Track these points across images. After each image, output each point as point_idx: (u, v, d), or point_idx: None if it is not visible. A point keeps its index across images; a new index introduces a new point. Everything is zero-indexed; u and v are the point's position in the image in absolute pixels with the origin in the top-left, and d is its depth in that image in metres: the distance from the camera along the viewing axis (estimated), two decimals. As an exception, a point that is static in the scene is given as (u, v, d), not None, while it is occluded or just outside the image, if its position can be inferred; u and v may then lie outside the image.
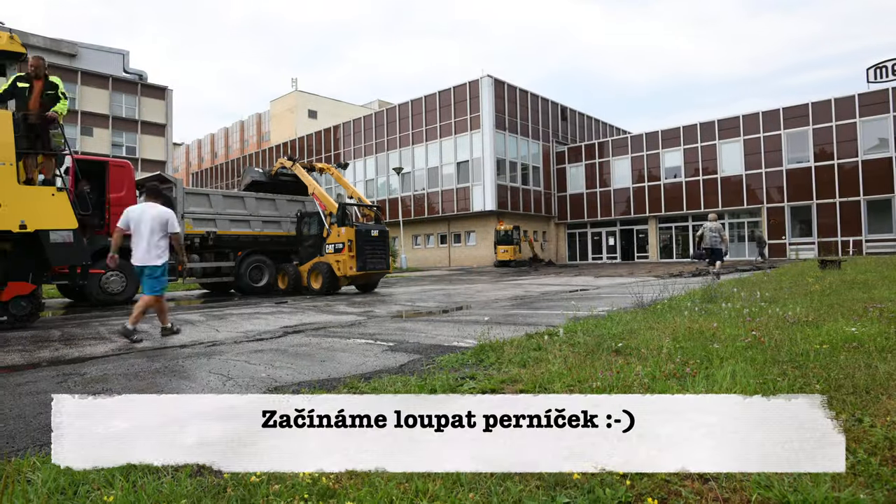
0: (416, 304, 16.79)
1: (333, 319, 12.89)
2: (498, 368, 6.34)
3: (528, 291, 20.41)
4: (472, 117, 55.36)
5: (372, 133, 65.09)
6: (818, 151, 46.73)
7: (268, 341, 9.60)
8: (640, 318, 9.54)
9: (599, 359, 6.36)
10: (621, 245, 59.54)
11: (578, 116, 66.97)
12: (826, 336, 7.05)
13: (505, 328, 10.08)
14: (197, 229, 21.46)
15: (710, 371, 5.48)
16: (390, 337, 9.61)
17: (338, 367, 7.14)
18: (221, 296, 22.88)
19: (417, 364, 7.11)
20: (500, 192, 55.08)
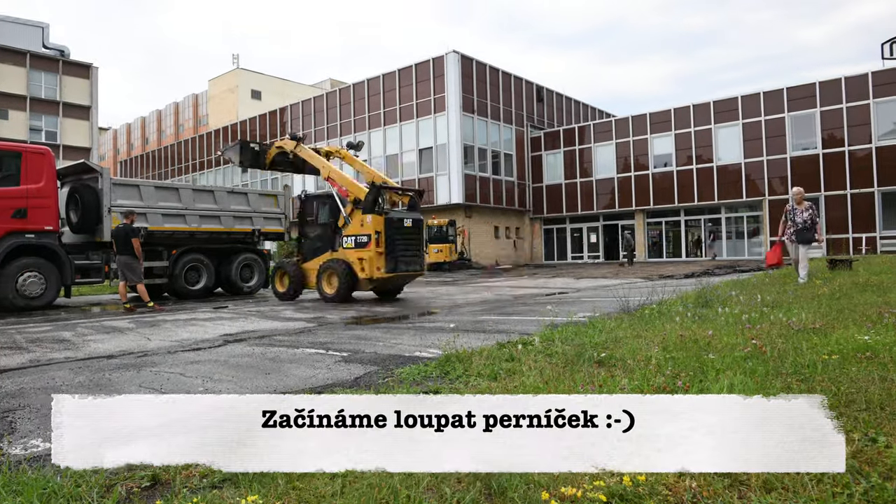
0: (372, 309, 16.88)
1: (280, 326, 13.04)
2: (465, 382, 6.43)
3: (499, 295, 20.61)
4: (437, 98, 55.26)
5: (323, 116, 64.95)
6: (827, 137, 46.96)
7: (206, 351, 9.65)
8: (626, 325, 9.64)
9: (580, 371, 6.42)
10: (604, 242, 59.86)
11: (556, 97, 67.16)
12: (835, 345, 7.08)
13: (473, 336, 10.33)
14: None
15: (705, 384, 5.51)
16: (344, 346, 9.82)
17: (285, 381, 7.25)
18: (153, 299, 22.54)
19: (374, 377, 7.27)
20: (468, 182, 55.12)
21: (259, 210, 25.10)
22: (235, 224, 24.13)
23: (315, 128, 65.41)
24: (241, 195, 24.86)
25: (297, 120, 67.76)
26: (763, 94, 49.40)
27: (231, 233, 24.04)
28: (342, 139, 61.59)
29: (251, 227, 24.74)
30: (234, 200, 24.39)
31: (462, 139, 54.52)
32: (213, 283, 23.70)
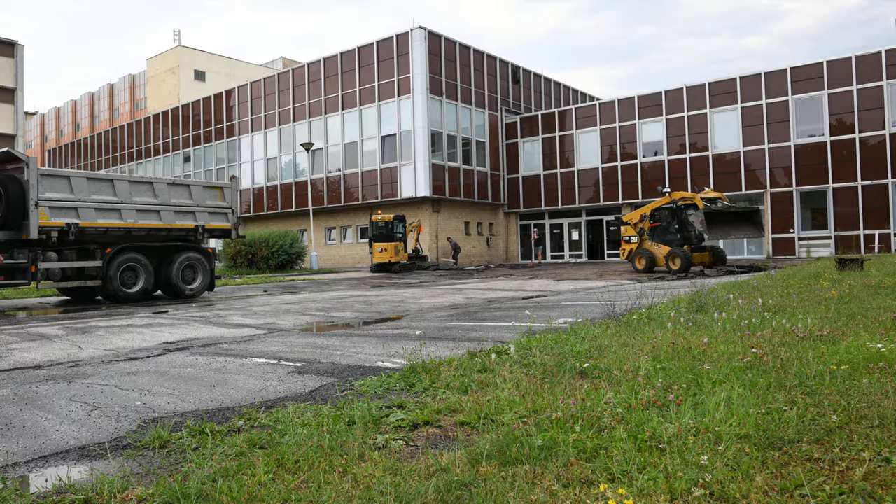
0: (329, 314, 17.05)
1: (226, 333, 13.11)
2: (433, 395, 6.54)
3: (470, 298, 20.71)
4: (401, 80, 55.14)
5: (274, 99, 64.69)
6: (835, 122, 47.06)
7: (144, 361, 9.65)
8: (612, 333, 9.74)
9: (560, 383, 6.49)
10: (588, 240, 59.85)
11: (534, 78, 67.33)
12: (845, 354, 7.13)
13: (442, 345, 10.40)
14: (55, 220, 21.09)
15: (700, 398, 5.57)
16: (298, 355, 9.91)
17: (231, 394, 7.32)
18: (86, 303, 22.67)
19: (332, 389, 7.33)
20: (436, 173, 55.03)
21: (203, 204, 24.90)
22: (177, 220, 23.93)
23: (266, 112, 65.27)
24: (184, 187, 24.67)
25: (245, 103, 67.53)
26: (764, 74, 49.46)
27: (172, 229, 23.87)
28: (296, 125, 61.96)
29: (194, 222, 24.54)
30: (176, 193, 24.18)
31: (429, 125, 54.38)
32: (153, 286, 23.51)
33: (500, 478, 4.13)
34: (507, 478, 4.13)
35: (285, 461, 4.68)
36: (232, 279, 39.25)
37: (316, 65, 61.23)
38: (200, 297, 24.91)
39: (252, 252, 48.40)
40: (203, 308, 19.57)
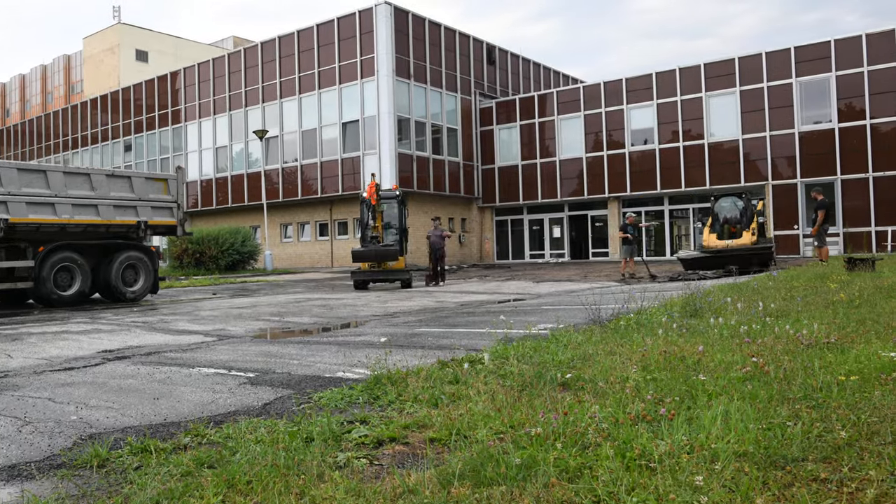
0: (285, 319, 17.16)
1: (171, 340, 13.17)
2: (399, 409, 6.62)
3: (441, 302, 20.90)
4: (364, 60, 54.98)
5: (224, 82, 64.48)
6: (844, 107, 47.03)
7: (81, 371, 9.63)
8: (597, 340, 9.79)
9: (540, 395, 6.53)
10: (571, 237, 59.90)
11: (511, 59, 67.31)
12: (855, 364, 7.15)
13: (409, 353, 10.49)
14: None
15: (694, 412, 5.59)
16: (250, 365, 9.95)
17: (177, 407, 7.33)
18: (16, 307, 22.69)
19: (288, 402, 7.37)
20: (403, 163, 54.93)
21: (146, 198, 24.75)
22: (117, 215, 23.79)
23: (215, 96, 65.02)
24: (124, 179, 24.53)
25: (191, 87, 67.18)
26: (765, 55, 49.39)
27: (111, 225, 23.73)
28: (248, 110, 61.84)
29: (136, 218, 24.41)
30: (116, 186, 24.04)
31: (395, 110, 54.22)
32: (90, 288, 23.46)
33: (474, 500, 4.11)
34: (481, 500, 4.11)
35: (236, 482, 4.64)
36: (177, 281, 39.17)
37: (270, 44, 60.99)
38: (143, 300, 24.80)
39: (200, 251, 48.31)
40: (146, 313, 19.54)
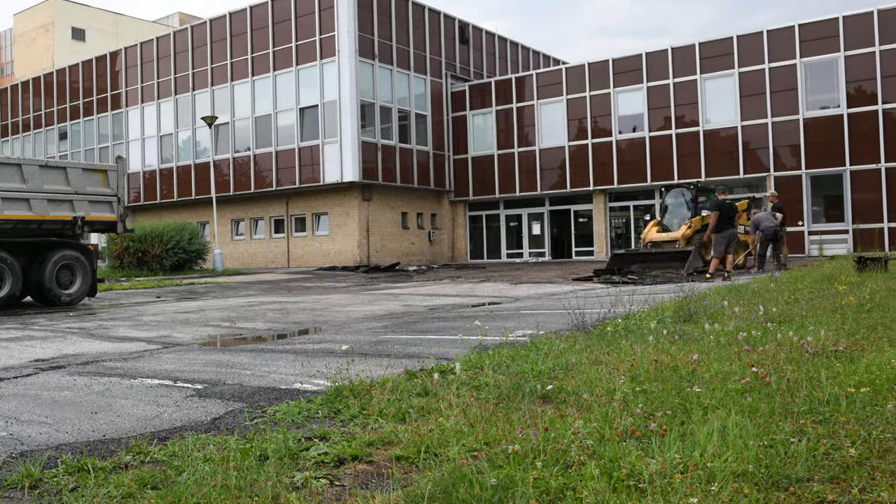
0: (237, 324, 17.23)
1: (111, 348, 13.13)
2: (363, 424, 6.63)
3: (408, 306, 20.96)
4: (324, 39, 54.80)
5: (169, 63, 64.17)
6: (853, 91, 47.08)
7: (11, 382, 9.67)
8: (581, 348, 9.81)
9: (518, 409, 6.60)
10: (552, 235, 59.86)
11: (486, 38, 67.22)
12: (865, 374, 7.19)
13: (374, 362, 10.51)
14: None
15: (688, 427, 5.63)
16: (199, 376, 9.94)
17: (118, 422, 7.28)
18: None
19: (239, 417, 7.38)
20: (367, 153, 54.66)
21: (83, 191, 24.58)
22: (51, 210, 23.64)
23: (159, 79, 64.74)
24: (59, 171, 24.41)
25: (133, 68, 66.95)
26: (767, 33, 49.32)
27: (45, 221, 23.59)
28: (196, 94, 61.69)
29: (72, 213, 24.23)
30: (50, 178, 23.85)
31: (358, 94, 53.99)
32: (21, 290, 23.30)
33: (445, 525, 3.97)
34: (453, 525, 3.97)
35: (183, 504, 4.53)
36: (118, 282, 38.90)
37: (220, 21, 60.79)
38: (80, 304, 24.66)
39: (142, 249, 48.03)
40: (83, 317, 19.49)
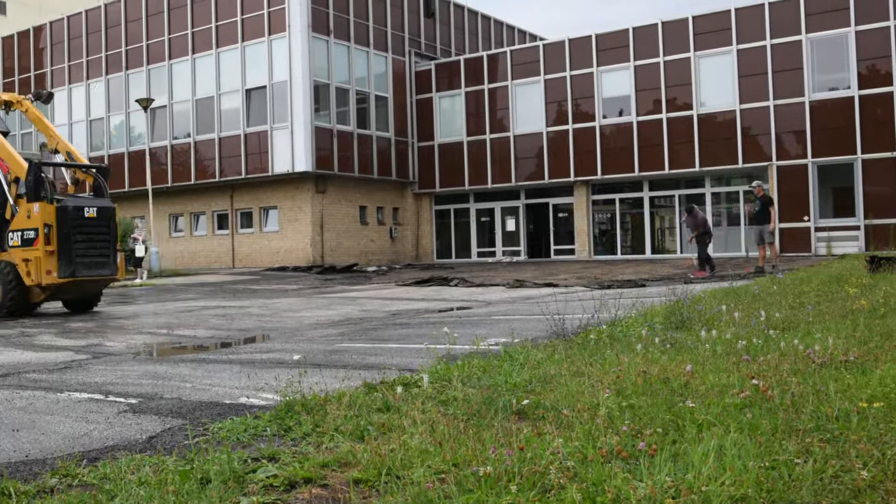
0: (175, 331, 17.85)
1: (34, 358, 13.48)
2: (317, 443, 6.59)
3: (367, 311, 21.71)
4: (273, 12, 54.01)
5: (100, 39, 63.24)
6: (865, 71, 46.42)
7: None
8: (561, 357, 9.99)
9: (491, 426, 6.68)
10: (528, 231, 59.28)
11: (454, 10, 66.73)
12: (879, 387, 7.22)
13: (329, 374, 10.68)
14: None
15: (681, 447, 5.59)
16: (133, 389, 10.14)
17: (42, 441, 7.31)
18: None
19: (178, 435, 7.36)
20: (321, 140, 54.00)
21: None
22: None
23: (88, 57, 63.92)
24: None
25: (59, 45, 66.44)
26: (769, 5, 48.46)
27: None
28: (129, 74, 60.87)
29: None
30: None
31: (311, 74, 53.36)
32: None
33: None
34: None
35: (116, 532, 4.88)
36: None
37: (156, -8, 61.47)
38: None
39: (70, 248, 45.81)
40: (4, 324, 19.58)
